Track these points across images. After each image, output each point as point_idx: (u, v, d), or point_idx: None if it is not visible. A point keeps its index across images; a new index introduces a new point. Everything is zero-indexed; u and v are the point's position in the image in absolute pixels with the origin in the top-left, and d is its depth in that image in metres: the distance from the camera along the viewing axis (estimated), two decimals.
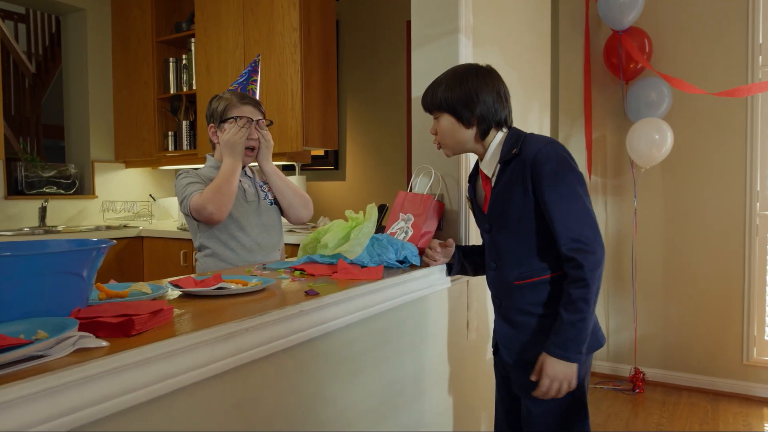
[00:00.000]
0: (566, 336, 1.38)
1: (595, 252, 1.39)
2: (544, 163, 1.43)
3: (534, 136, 1.52)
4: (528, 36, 2.52)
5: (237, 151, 1.88)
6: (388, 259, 1.64)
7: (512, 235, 1.53)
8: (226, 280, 1.40)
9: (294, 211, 2.03)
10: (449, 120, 1.55)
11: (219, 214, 1.82)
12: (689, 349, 3.45)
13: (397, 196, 1.93)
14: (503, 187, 1.52)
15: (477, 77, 1.53)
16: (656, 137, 3.28)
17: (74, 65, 4.15)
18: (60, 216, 3.86)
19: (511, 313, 1.56)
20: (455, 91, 1.52)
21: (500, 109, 1.54)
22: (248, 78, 2.02)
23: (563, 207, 1.41)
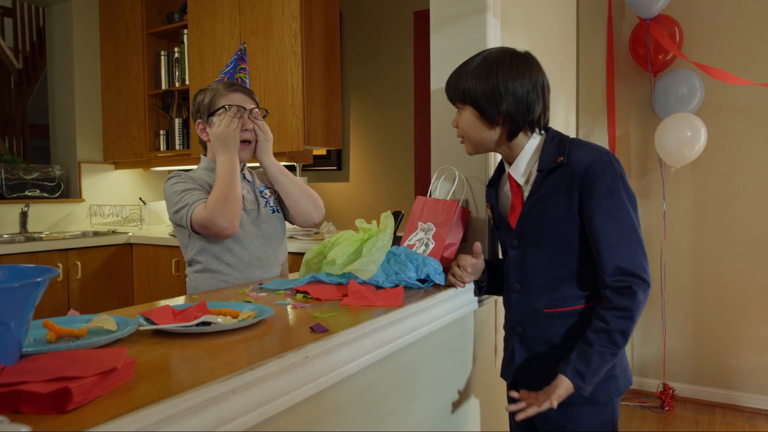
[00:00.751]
0: (593, 367, 1.19)
1: (644, 285, 1.20)
2: (599, 178, 1.21)
3: (583, 143, 1.29)
4: (554, 23, 2.26)
5: (231, 145, 1.63)
6: (407, 278, 1.38)
7: (545, 255, 1.30)
8: (213, 310, 1.13)
9: (302, 212, 1.76)
10: (471, 115, 1.31)
11: (231, 228, 1.57)
12: (723, 363, 3.18)
13: (415, 202, 1.66)
14: (542, 199, 1.29)
15: (510, 66, 1.27)
16: (688, 134, 3.02)
17: (59, 59, 3.89)
18: (43, 221, 3.60)
19: (537, 344, 1.33)
20: (481, 81, 1.27)
21: (534, 107, 1.28)
22: (235, 66, 1.76)
23: (613, 232, 1.21)
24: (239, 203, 1.59)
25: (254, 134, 1.71)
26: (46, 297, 3.03)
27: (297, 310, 1.20)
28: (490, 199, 1.45)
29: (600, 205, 1.21)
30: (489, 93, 1.26)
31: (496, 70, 1.26)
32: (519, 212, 1.34)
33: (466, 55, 1.63)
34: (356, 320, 1.10)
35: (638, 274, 1.19)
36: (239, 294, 1.40)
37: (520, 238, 1.33)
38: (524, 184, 1.33)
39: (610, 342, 1.18)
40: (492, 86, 1.26)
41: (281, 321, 1.09)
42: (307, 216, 1.76)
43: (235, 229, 1.58)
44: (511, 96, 1.26)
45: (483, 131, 1.31)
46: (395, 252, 1.44)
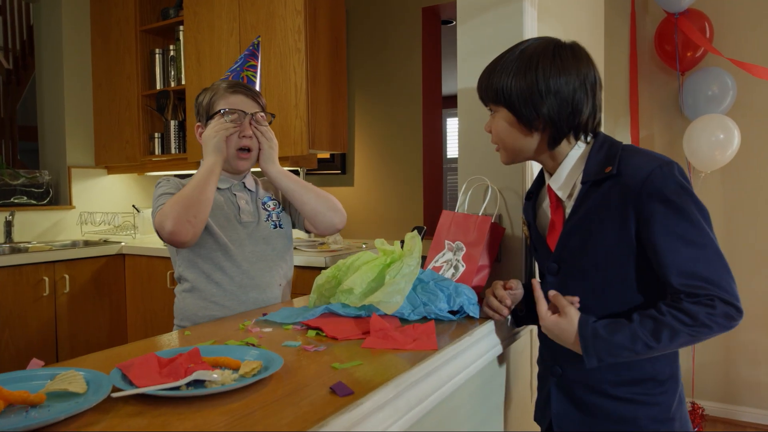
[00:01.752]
0: (614, 341, 0.99)
1: (730, 306, 0.96)
2: (659, 191, 0.99)
3: (638, 151, 1.07)
4: (583, 16, 2.05)
5: (212, 147, 1.43)
6: (438, 309, 1.17)
7: (590, 285, 1.09)
8: (208, 359, 0.92)
9: (322, 221, 1.54)
10: (507, 119, 1.11)
11: (182, 234, 1.33)
12: (755, 380, 2.98)
13: (442, 218, 1.46)
14: (586, 218, 1.07)
15: (553, 60, 1.06)
16: (720, 136, 2.81)
17: (48, 58, 3.67)
18: (31, 230, 3.39)
19: (578, 390, 1.12)
20: (518, 79, 1.07)
21: (582, 109, 1.07)
22: (243, 63, 1.56)
23: (688, 258, 0.97)
24: (201, 208, 1.36)
25: (256, 141, 1.51)
26: (31, 314, 2.82)
27: (310, 356, 0.99)
28: (527, 215, 1.25)
29: (665, 227, 0.98)
30: (527, 93, 1.06)
31: (536, 64, 1.06)
32: (559, 232, 1.13)
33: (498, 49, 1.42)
34: (385, 372, 0.89)
35: (725, 288, 0.96)
36: (240, 329, 1.19)
37: (559, 263, 1.12)
38: (566, 199, 1.13)
39: (652, 333, 0.96)
40: (530, 84, 1.05)
41: (292, 374, 0.88)
42: (329, 223, 1.55)
43: (188, 236, 1.34)
44: (554, 96, 1.05)
45: (519, 138, 1.12)
46: (422, 278, 1.23)
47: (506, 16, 1.43)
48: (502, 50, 1.41)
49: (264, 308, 1.43)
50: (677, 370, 1.10)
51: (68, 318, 2.97)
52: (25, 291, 2.79)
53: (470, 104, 1.50)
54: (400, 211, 3.76)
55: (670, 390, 1.08)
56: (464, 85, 1.51)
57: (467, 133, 1.51)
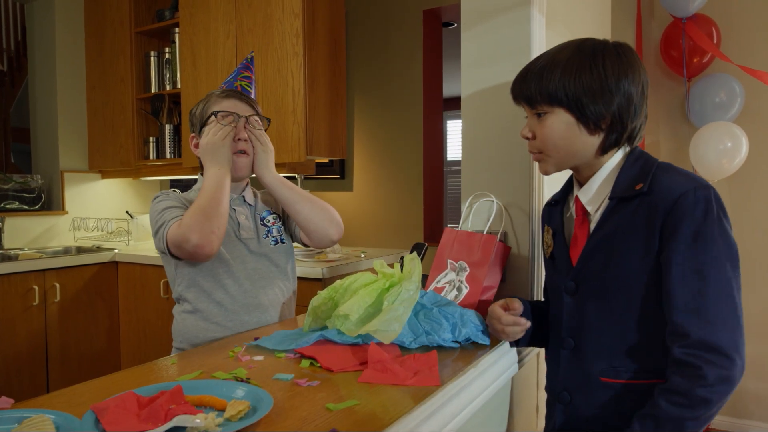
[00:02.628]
0: None
1: (725, 364, 0.89)
2: (687, 216, 0.93)
3: (674, 170, 1.00)
4: (591, 21, 1.98)
5: (220, 155, 1.37)
6: (441, 340, 1.10)
7: (609, 308, 1.02)
8: (191, 398, 0.85)
9: (316, 231, 1.47)
10: (565, 119, 1.03)
11: (208, 246, 1.28)
12: (763, 393, 2.91)
13: (444, 236, 1.38)
14: (611, 235, 1.01)
15: (619, 59, 1.00)
16: (728, 144, 2.74)
17: (41, 60, 3.59)
18: (23, 236, 3.31)
19: (584, 420, 1.05)
20: (583, 76, 0.99)
21: (640, 111, 1.02)
22: (237, 75, 1.50)
23: (695, 293, 0.91)
24: (222, 220, 1.31)
25: (251, 145, 1.45)
26: (20, 325, 2.75)
27: (303, 392, 0.91)
28: (553, 222, 1.15)
29: (681, 253, 0.92)
30: (596, 88, 0.99)
31: (602, 61, 1.00)
32: (581, 247, 1.06)
33: (504, 57, 1.36)
34: (384, 413, 0.82)
35: (722, 339, 0.89)
36: (230, 356, 1.12)
37: (578, 282, 1.05)
38: (593, 212, 1.06)
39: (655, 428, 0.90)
40: (600, 81, 0.99)
41: (283, 418, 0.81)
42: (323, 234, 1.48)
43: (214, 247, 1.29)
44: (623, 95, 0.99)
45: (581, 138, 1.03)
46: (424, 303, 1.15)
47: (513, 23, 1.35)
48: (509, 58, 1.35)
49: (258, 330, 1.36)
50: None
51: (59, 328, 2.90)
52: (14, 300, 2.72)
53: (475, 114, 1.43)
54: (400, 217, 3.69)
55: None
56: (469, 93, 1.44)
57: (471, 146, 1.44)
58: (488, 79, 1.40)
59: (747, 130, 2.77)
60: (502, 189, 1.38)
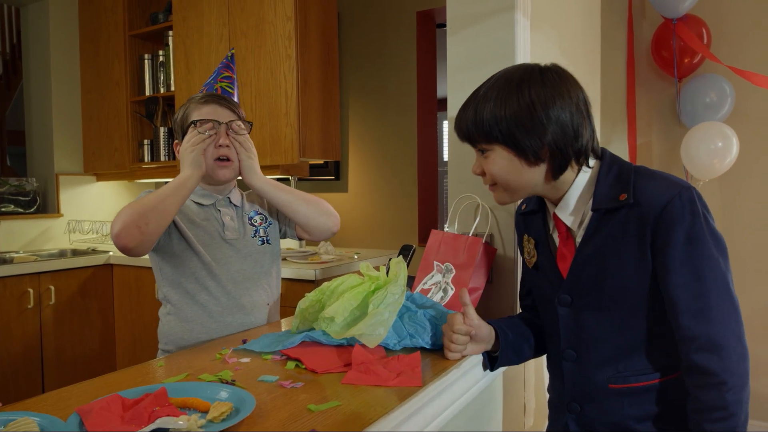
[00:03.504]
0: None
1: (738, 358, 0.94)
2: (678, 222, 0.94)
3: (653, 175, 1.00)
4: (579, 22, 2.00)
5: (189, 161, 1.37)
6: (424, 343, 1.11)
7: (609, 318, 1.02)
8: (175, 400, 0.87)
9: (316, 226, 1.50)
10: (506, 156, 1.01)
11: (128, 239, 1.25)
12: (758, 392, 2.92)
13: (430, 237, 1.40)
14: (600, 248, 1.01)
15: (543, 84, 0.98)
16: (719, 144, 2.76)
17: (35, 63, 3.61)
18: (18, 239, 3.32)
19: (599, 427, 1.06)
20: (510, 108, 0.98)
21: (582, 132, 1.00)
22: (217, 76, 1.50)
23: (697, 294, 0.94)
24: (158, 218, 1.28)
25: (234, 150, 1.44)
26: (15, 328, 2.76)
27: (286, 393, 0.93)
28: (535, 231, 1.14)
29: (677, 259, 0.94)
30: (527, 121, 0.97)
31: (528, 90, 0.98)
32: (569, 261, 1.06)
33: (490, 61, 1.38)
34: (364, 414, 0.83)
35: (730, 346, 0.93)
36: (217, 358, 1.13)
37: (573, 295, 1.05)
38: (577, 228, 1.05)
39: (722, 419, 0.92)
40: (529, 110, 0.97)
41: (265, 419, 0.82)
42: (323, 228, 1.51)
43: (134, 241, 1.26)
44: (555, 122, 0.97)
45: (524, 172, 1.02)
46: (409, 307, 1.17)
47: (498, 26, 1.37)
48: (494, 61, 1.37)
49: (246, 332, 1.38)
50: None
51: (54, 331, 2.91)
52: (9, 304, 2.73)
53: None
54: (395, 218, 3.71)
55: None
56: (455, 96, 1.45)
57: (457, 150, 1.45)
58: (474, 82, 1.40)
59: (737, 130, 2.79)
60: (487, 191, 1.39)
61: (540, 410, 1.56)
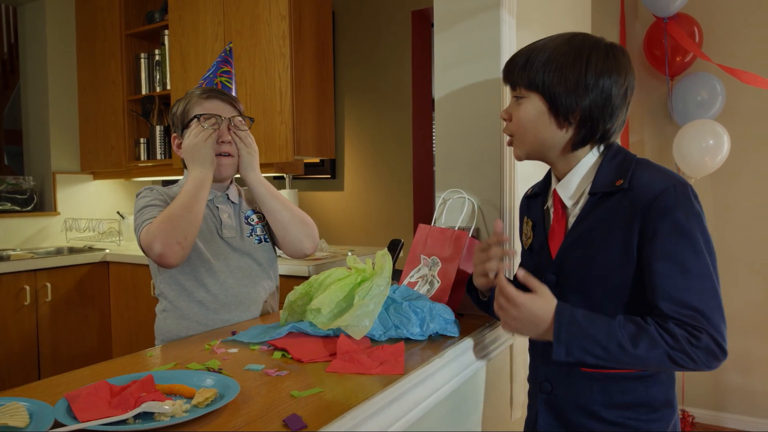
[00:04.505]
0: (590, 332, 0.94)
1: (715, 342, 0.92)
2: (669, 212, 0.95)
3: (653, 166, 1.02)
4: (569, 21, 2.02)
5: (201, 157, 1.37)
6: (409, 334, 1.14)
7: (589, 301, 1.03)
8: (162, 387, 0.89)
9: (291, 242, 1.48)
10: (537, 106, 1.04)
11: (171, 257, 1.28)
12: (747, 388, 2.95)
13: (418, 232, 1.42)
14: (591, 230, 1.03)
15: (606, 57, 1.01)
16: (710, 142, 2.78)
17: (32, 62, 3.63)
18: (15, 237, 3.34)
19: (567, 410, 1.07)
20: (564, 66, 1.00)
21: (618, 114, 1.03)
22: (216, 70, 1.51)
23: (681, 286, 0.93)
24: (190, 228, 1.30)
25: (235, 147, 1.46)
26: (12, 324, 2.78)
27: (271, 381, 0.95)
28: (534, 214, 1.17)
29: (666, 250, 0.94)
30: (572, 81, 0.99)
31: (587, 56, 1.00)
32: (560, 241, 1.08)
33: (476, 58, 1.40)
34: (345, 400, 0.86)
35: (715, 325, 0.92)
36: (206, 349, 1.15)
37: (558, 275, 1.07)
38: (571, 207, 1.08)
39: (631, 337, 0.92)
40: (578, 75, 0.99)
41: (248, 404, 0.85)
42: (298, 247, 1.50)
43: (177, 258, 1.29)
44: (600, 93, 1.00)
45: (549, 129, 1.04)
46: (395, 298, 1.19)
47: (483, 24, 1.39)
48: (480, 59, 1.39)
49: (236, 324, 1.40)
50: (673, 398, 1.06)
51: (50, 328, 2.93)
52: (5, 300, 2.75)
53: (448, 115, 1.46)
54: (391, 216, 3.73)
55: (665, 417, 1.03)
56: (442, 94, 1.48)
57: (444, 145, 1.48)
58: (461, 79, 1.44)
59: (728, 128, 2.82)
60: (474, 186, 1.42)
61: None
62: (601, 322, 0.95)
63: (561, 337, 0.95)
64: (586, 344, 0.94)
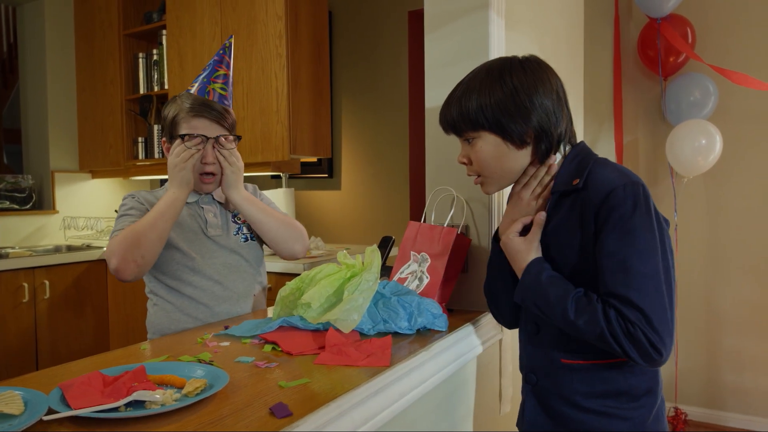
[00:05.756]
0: (545, 293, 1.02)
1: (655, 346, 0.92)
2: (615, 210, 0.97)
3: (609, 165, 1.04)
4: (561, 22, 2.04)
5: (178, 178, 1.39)
6: (397, 328, 1.16)
7: None
8: (153, 377, 0.91)
9: (284, 249, 1.53)
10: (492, 141, 1.07)
11: (126, 273, 1.32)
12: (740, 386, 2.98)
13: (408, 229, 1.45)
14: (554, 230, 1.07)
15: (524, 72, 1.05)
16: (702, 142, 2.81)
17: (31, 62, 3.66)
18: (14, 235, 3.37)
19: (551, 399, 1.10)
20: (496, 96, 1.04)
21: (561, 119, 1.06)
22: (210, 73, 1.50)
23: (621, 278, 0.95)
24: (153, 247, 1.33)
25: (219, 165, 1.46)
26: (10, 321, 2.80)
27: (260, 372, 0.97)
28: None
29: (608, 246, 0.96)
30: (512, 106, 1.03)
31: (510, 78, 1.04)
32: None
33: (465, 58, 1.42)
34: (332, 390, 0.88)
35: (653, 324, 0.91)
36: (198, 342, 1.18)
37: None
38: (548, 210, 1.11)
39: (577, 311, 0.97)
40: (512, 96, 1.03)
41: (237, 394, 0.87)
42: (289, 252, 1.54)
43: (132, 275, 1.33)
44: (540, 108, 1.04)
45: (511, 155, 1.07)
46: (384, 294, 1.22)
47: (472, 25, 1.42)
48: (469, 59, 1.41)
49: (229, 320, 1.42)
50: (656, 386, 1.07)
51: (48, 325, 2.95)
52: (4, 298, 2.78)
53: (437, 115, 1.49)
54: (388, 215, 3.76)
55: (647, 405, 1.05)
56: (432, 93, 1.50)
57: (434, 143, 1.50)
58: (450, 79, 1.45)
59: (721, 128, 2.84)
60: (463, 184, 1.44)
61: (517, 397, 1.61)
62: (558, 288, 1.00)
63: (522, 286, 1.06)
64: (537, 301, 1.03)
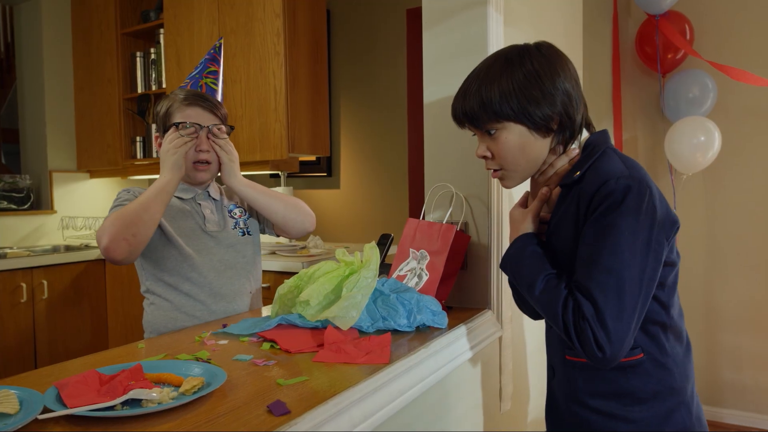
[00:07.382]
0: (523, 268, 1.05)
1: (604, 349, 0.90)
2: (600, 203, 0.94)
3: (612, 158, 1.00)
4: (560, 19, 2.04)
5: (170, 163, 1.39)
6: (397, 325, 1.15)
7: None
8: (150, 375, 0.91)
9: (293, 226, 1.55)
10: (518, 132, 1.02)
11: (118, 252, 1.29)
12: (739, 383, 2.97)
13: (407, 225, 1.44)
14: (560, 220, 1.05)
15: (543, 56, 1.01)
16: (701, 139, 2.81)
17: (29, 61, 3.65)
18: (12, 235, 3.36)
19: (562, 396, 1.10)
20: (517, 82, 0.99)
21: (580, 104, 1.03)
22: (203, 70, 1.52)
23: (586, 270, 0.94)
24: (145, 227, 1.31)
25: (214, 155, 1.47)
26: (8, 321, 2.79)
27: (258, 371, 0.97)
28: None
29: (586, 236, 0.95)
30: (538, 94, 0.98)
31: (530, 63, 1.00)
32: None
33: (463, 54, 1.42)
34: (330, 387, 0.88)
35: (606, 323, 0.89)
36: (196, 341, 1.17)
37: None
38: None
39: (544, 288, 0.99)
40: (537, 81, 0.98)
41: (234, 392, 0.86)
42: (300, 228, 1.56)
43: (123, 254, 1.30)
44: (563, 93, 1.00)
45: (536, 145, 1.02)
46: (384, 292, 1.21)
47: (470, 21, 1.41)
48: (467, 55, 1.41)
49: (227, 318, 1.42)
50: (666, 392, 1.01)
51: (47, 325, 2.95)
52: (2, 298, 2.77)
53: (436, 110, 1.48)
54: (387, 213, 3.75)
55: (655, 409, 1.01)
56: (431, 89, 1.49)
57: (433, 140, 1.49)
58: (449, 75, 1.45)
59: (719, 125, 2.84)
60: (462, 181, 1.44)
61: (517, 395, 1.61)
62: (536, 264, 1.02)
63: (505, 255, 1.09)
64: (515, 271, 1.06)
